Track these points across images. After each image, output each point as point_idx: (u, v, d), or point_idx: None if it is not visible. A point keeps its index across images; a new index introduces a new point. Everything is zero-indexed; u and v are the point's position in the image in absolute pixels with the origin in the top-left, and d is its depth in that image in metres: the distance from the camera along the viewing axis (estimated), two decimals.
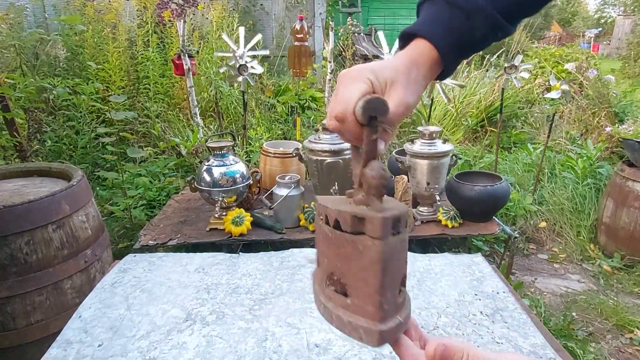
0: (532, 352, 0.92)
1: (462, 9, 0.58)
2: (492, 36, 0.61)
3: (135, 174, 3.20)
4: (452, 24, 0.59)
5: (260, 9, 6.88)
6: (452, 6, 0.58)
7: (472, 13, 0.58)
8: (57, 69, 4.06)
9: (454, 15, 0.58)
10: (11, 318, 1.69)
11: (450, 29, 0.59)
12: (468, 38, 0.59)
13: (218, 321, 0.98)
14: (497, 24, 0.59)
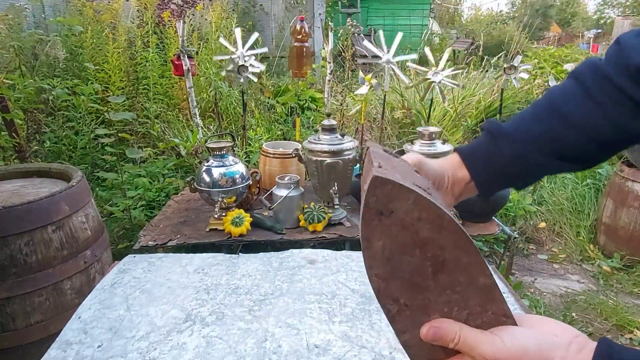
0: None
1: (491, 134, 0.67)
2: (524, 167, 0.66)
3: (134, 175, 3.20)
4: (485, 146, 0.68)
5: (259, 9, 6.88)
6: (486, 133, 0.69)
7: (499, 137, 0.66)
8: (56, 69, 4.06)
9: (488, 141, 0.68)
10: (11, 319, 1.69)
11: (482, 151, 0.69)
12: (498, 161, 0.67)
13: (218, 322, 0.98)
14: (523, 152, 0.64)
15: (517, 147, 0.65)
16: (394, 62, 2.88)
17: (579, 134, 0.63)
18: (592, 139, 0.63)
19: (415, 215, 0.47)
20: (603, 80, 0.61)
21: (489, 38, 10.72)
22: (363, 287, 1.13)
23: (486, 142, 0.68)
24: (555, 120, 0.64)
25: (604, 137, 0.62)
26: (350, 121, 4.54)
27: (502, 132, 0.66)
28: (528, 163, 0.65)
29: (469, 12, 15.72)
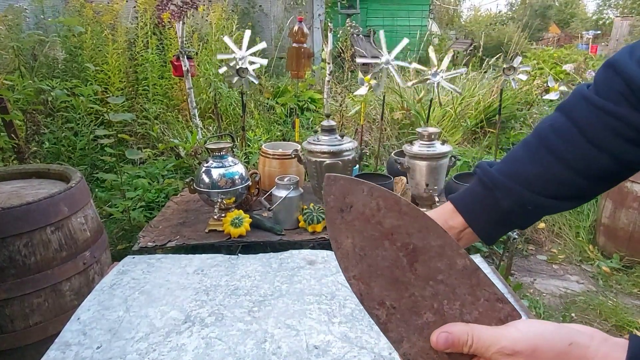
0: None
1: (485, 185, 0.67)
2: (525, 212, 0.65)
3: (134, 176, 3.20)
4: (481, 197, 0.67)
5: (259, 10, 6.89)
6: (480, 182, 0.68)
7: (494, 189, 0.65)
8: (55, 70, 4.06)
9: (483, 192, 0.68)
10: (9, 320, 1.69)
11: (479, 203, 0.68)
12: (495, 206, 0.66)
13: (217, 323, 0.98)
14: (524, 199, 0.63)
15: (515, 197, 0.64)
16: (393, 63, 2.88)
17: (577, 174, 0.61)
18: (592, 176, 0.61)
19: (373, 205, 0.48)
20: (598, 113, 0.58)
21: (488, 39, 10.73)
22: None
23: (482, 194, 0.67)
24: (551, 161, 0.62)
25: (605, 172, 0.60)
26: (350, 122, 4.54)
27: (498, 184, 0.65)
28: (527, 208, 0.64)
29: (468, 13, 15.73)
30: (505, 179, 0.64)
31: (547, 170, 0.62)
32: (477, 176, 0.69)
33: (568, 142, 0.61)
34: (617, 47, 12.20)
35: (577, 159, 0.60)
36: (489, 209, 0.66)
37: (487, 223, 0.67)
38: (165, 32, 4.55)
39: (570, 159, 0.61)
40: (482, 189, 0.67)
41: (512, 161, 0.66)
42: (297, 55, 3.13)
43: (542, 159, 0.63)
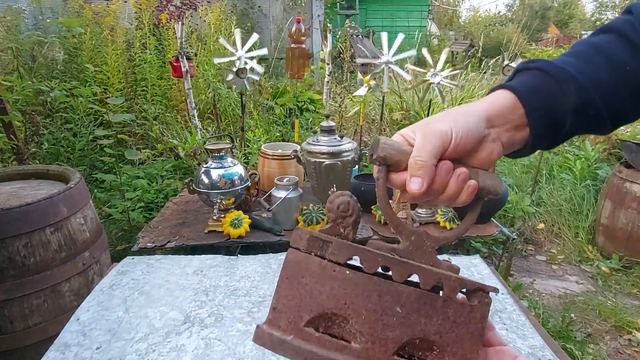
0: (531, 354, 0.92)
1: (552, 74, 0.55)
2: (584, 114, 0.56)
3: (133, 176, 3.20)
4: (541, 85, 0.56)
5: (258, 11, 6.88)
6: (543, 71, 0.56)
7: (563, 80, 0.55)
8: (54, 71, 4.05)
9: (543, 78, 0.56)
10: (9, 321, 1.68)
11: (536, 86, 0.56)
12: (558, 103, 0.56)
13: (217, 323, 0.98)
14: (590, 101, 0.55)
15: (584, 93, 0.55)
16: (393, 63, 2.88)
17: (632, 85, 0.55)
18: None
19: None
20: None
21: (488, 39, 10.75)
22: None
23: (547, 84, 0.56)
24: (612, 69, 0.55)
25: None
26: (349, 122, 4.54)
27: (567, 75, 0.55)
28: (590, 112, 0.56)
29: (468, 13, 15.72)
30: (575, 73, 0.55)
31: (613, 80, 0.55)
32: (538, 68, 0.57)
33: (626, 53, 0.56)
34: None
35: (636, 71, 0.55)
36: (553, 99, 0.56)
37: (546, 118, 0.56)
38: (164, 33, 4.55)
39: (631, 70, 0.55)
40: (545, 80, 0.56)
41: (575, 62, 0.57)
42: (296, 56, 3.13)
43: (605, 66, 0.56)
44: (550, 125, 0.57)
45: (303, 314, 0.48)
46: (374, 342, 0.47)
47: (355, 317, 0.47)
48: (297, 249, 0.49)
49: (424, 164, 0.50)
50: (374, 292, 0.47)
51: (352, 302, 0.47)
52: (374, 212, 2.30)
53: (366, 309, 0.47)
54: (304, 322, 0.48)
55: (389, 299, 0.47)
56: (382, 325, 0.47)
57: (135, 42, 4.36)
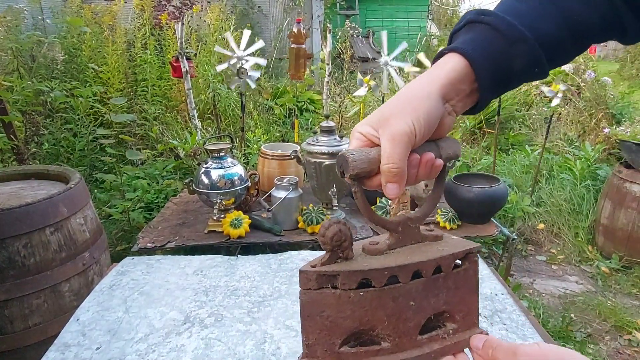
0: None
1: (504, 34, 0.54)
2: (529, 72, 0.57)
3: (133, 177, 3.20)
4: (492, 44, 0.54)
5: (258, 11, 6.88)
6: (495, 30, 0.54)
7: (515, 40, 0.54)
8: (54, 71, 4.05)
9: (495, 39, 0.54)
10: (9, 321, 1.68)
11: (488, 49, 0.54)
12: (507, 64, 0.55)
13: (216, 324, 0.98)
14: (538, 59, 0.55)
15: (533, 55, 0.54)
16: (392, 64, 2.89)
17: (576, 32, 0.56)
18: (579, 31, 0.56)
19: None
20: None
21: None
22: None
23: (498, 46, 0.54)
24: (561, 18, 0.55)
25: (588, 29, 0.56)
26: (349, 123, 4.55)
27: (518, 36, 0.54)
28: (534, 71, 0.56)
29: None
30: (529, 32, 0.54)
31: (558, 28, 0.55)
32: (490, 24, 0.55)
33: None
34: (617, 48, 12.20)
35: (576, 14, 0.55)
36: (502, 65, 0.55)
37: (493, 84, 0.56)
38: (164, 33, 4.55)
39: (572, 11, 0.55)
40: (499, 41, 0.54)
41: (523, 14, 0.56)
42: (296, 56, 3.13)
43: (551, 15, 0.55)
44: (497, 86, 0.57)
45: (334, 339, 0.52)
46: (400, 336, 0.53)
47: (379, 325, 0.53)
48: (308, 289, 0.52)
49: (398, 170, 0.51)
50: (389, 300, 0.52)
51: (372, 315, 0.52)
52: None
53: (386, 315, 0.52)
54: (338, 345, 0.52)
55: (401, 299, 0.53)
56: (402, 321, 0.53)
57: (136, 43, 4.36)
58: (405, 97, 0.54)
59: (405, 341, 0.53)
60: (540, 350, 0.48)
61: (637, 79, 9.22)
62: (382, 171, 0.52)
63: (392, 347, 0.53)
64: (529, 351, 0.48)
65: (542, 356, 0.47)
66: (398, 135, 0.51)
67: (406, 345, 0.54)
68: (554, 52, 0.56)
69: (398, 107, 0.53)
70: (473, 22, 0.56)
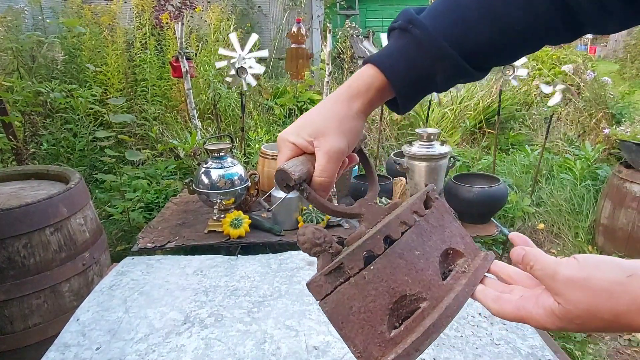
0: (531, 354, 0.92)
1: (427, 51, 0.56)
2: (454, 81, 0.59)
3: (133, 177, 3.20)
4: (414, 60, 0.57)
5: (258, 11, 6.88)
6: (418, 45, 0.56)
7: (437, 58, 0.56)
8: (54, 71, 4.05)
9: (418, 55, 0.57)
10: (9, 321, 1.68)
11: (411, 64, 0.57)
12: (428, 78, 0.58)
13: (216, 324, 0.98)
14: (462, 70, 0.57)
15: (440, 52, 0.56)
16: None
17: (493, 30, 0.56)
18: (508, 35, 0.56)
19: None
20: None
21: None
22: None
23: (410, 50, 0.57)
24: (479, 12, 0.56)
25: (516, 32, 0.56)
26: None
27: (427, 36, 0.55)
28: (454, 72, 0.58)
29: None
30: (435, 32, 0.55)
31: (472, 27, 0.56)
32: (417, 40, 0.56)
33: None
34: (617, 48, 12.20)
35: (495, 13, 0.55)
36: (415, 68, 0.57)
37: (410, 87, 0.59)
38: (164, 33, 4.55)
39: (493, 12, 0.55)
40: (411, 46, 0.57)
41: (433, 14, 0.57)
42: (295, 57, 3.13)
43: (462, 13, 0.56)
44: (417, 96, 0.60)
45: (379, 328, 0.51)
46: (430, 287, 0.53)
47: (407, 288, 0.52)
48: (325, 296, 0.52)
49: (329, 183, 0.57)
50: (397, 259, 0.52)
51: (394, 281, 0.52)
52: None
53: (406, 274, 0.52)
54: (386, 332, 0.52)
55: (407, 254, 0.53)
56: (422, 272, 0.53)
57: (136, 43, 4.35)
58: (337, 115, 0.57)
59: (437, 289, 0.53)
60: (581, 273, 0.45)
61: (637, 79, 9.22)
62: (314, 181, 0.56)
63: (430, 302, 0.53)
64: (568, 275, 0.45)
65: (584, 281, 0.44)
66: (334, 152, 0.56)
67: (440, 293, 0.53)
68: (486, 58, 0.58)
69: (333, 124, 0.57)
70: (402, 30, 0.58)
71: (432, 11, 0.58)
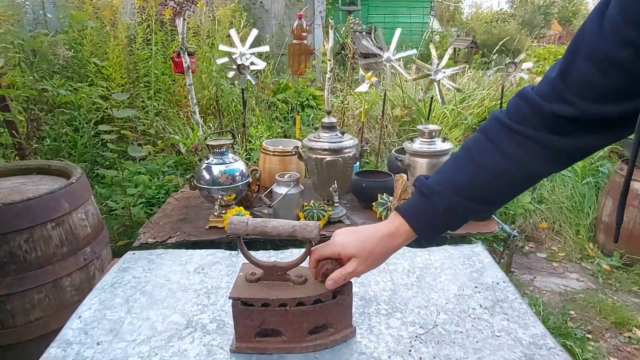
0: (532, 343, 0.92)
1: (423, 194, 0.80)
2: (457, 215, 0.79)
3: (134, 172, 3.20)
4: (421, 204, 0.80)
5: (260, 6, 6.86)
6: (419, 192, 0.81)
7: (431, 195, 0.78)
8: (56, 66, 4.04)
9: (422, 200, 0.80)
10: (10, 316, 1.69)
11: (419, 209, 0.81)
12: (434, 215, 0.79)
13: (219, 330, 0.98)
14: (454, 204, 0.77)
15: (447, 201, 0.77)
16: (394, 60, 2.88)
17: (494, 180, 0.76)
18: (505, 182, 0.77)
19: None
20: (508, 132, 0.74)
21: (490, 36, 10.69)
22: (362, 289, 1.13)
23: (421, 201, 0.80)
24: (474, 170, 0.77)
25: (514, 179, 0.76)
26: (351, 119, 4.54)
27: (434, 191, 0.78)
28: (459, 211, 0.78)
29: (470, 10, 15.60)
30: (440, 187, 0.78)
31: (473, 178, 0.77)
32: (417, 187, 0.81)
33: (486, 155, 0.76)
34: None
35: (494, 168, 0.75)
36: (428, 211, 0.79)
37: (427, 226, 0.81)
38: (166, 29, 4.53)
39: (489, 169, 0.76)
40: (421, 197, 0.80)
41: (444, 172, 0.81)
42: (297, 52, 3.12)
43: (468, 169, 0.78)
44: (434, 229, 0.82)
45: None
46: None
47: None
48: None
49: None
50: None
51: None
52: (374, 208, 2.30)
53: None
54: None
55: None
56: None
57: (138, 38, 4.34)
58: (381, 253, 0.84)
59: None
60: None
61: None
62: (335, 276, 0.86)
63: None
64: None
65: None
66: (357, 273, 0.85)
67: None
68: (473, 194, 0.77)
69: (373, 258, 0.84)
70: (415, 187, 0.83)
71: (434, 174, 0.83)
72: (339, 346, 0.92)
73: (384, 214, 2.24)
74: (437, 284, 1.16)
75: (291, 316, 0.86)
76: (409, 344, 0.93)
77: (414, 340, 0.94)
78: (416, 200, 0.81)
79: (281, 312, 0.86)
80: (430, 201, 0.78)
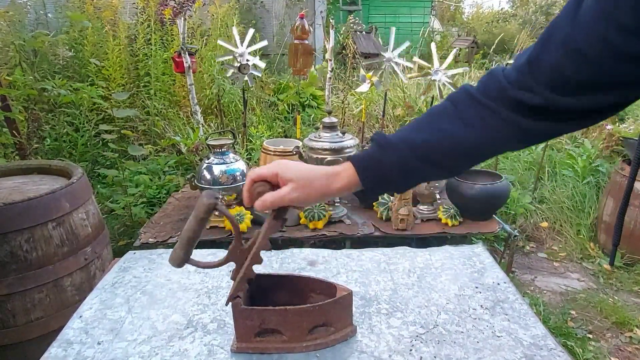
0: (533, 344, 0.92)
1: (378, 144, 0.78)
2: (403, 172, 0.78)
3: (135, 172, 3.20)
4: (373, 154, 0.79)
5: (260, 6, 6.86)
6: (374, 142, 0.79)
7: (386, 147, 0.77)
8: (56, 66, 4.04)
9: (375, 150, 0.79)
10: (11, 315, 1.69)
11: (370, 157, 0.79)
12: (382, 166, 0.78)
13: (219, 330, 0.98)
14: (405, 158, 0.76)
15: (399, 154, 0.76)
16: (395, 60, 2.88)
17: (450, 145, 0.75)
18: (460, 150, 0.76)
19: None
20: (474, 103, 0.74)
21: (491, 36, 10.70)
22: (363, 288, 1.13)
23: (374, 151, 0.79)
24: (433, 132, 0.76)
25: (469, 149, 0.76)
26: (351, 118, 4.54)
27: (390, 143, 0.77)
28: (407, 168, 0.77)
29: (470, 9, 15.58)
30: (395, 140, 0.77)
31: (429, 139, 0.75)
32: (373, 139, 0.80)
33: (448, 119, 0.75)
34: None
35: (452, 134, 0.74)
36: (377, 162, 0.78)
37: (372, 176, 0.79)
38: (166, 28, 4.53)
39: (447, 133, 0.75)
40: (374, 147, 0.79)
41: (404, 130, 0.80)
42: (298, 52, 3.12)
43: (425, 130, 0.77)
44: (377, 181, 0.79)
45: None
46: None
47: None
48: None
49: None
50: None
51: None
52: (375, 208, 2.30)
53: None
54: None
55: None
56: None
57: (139, 38, 4.34)
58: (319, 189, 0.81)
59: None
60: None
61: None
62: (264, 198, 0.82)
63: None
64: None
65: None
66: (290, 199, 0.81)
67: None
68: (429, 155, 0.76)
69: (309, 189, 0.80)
70: (372, 139, 0.82)
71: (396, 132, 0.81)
72: (340, 345, 0.92)
73: (384, 213, 2.24)
74: (438, 284, 1.15)
75: (291, 316, 0.88)
76: (409, 343, 0.93)
77: (414, 339, 0.94)
78: (369, 150, 0.80)
79: (281, 311, 0.88)
80: (383, 151, 0.77)
